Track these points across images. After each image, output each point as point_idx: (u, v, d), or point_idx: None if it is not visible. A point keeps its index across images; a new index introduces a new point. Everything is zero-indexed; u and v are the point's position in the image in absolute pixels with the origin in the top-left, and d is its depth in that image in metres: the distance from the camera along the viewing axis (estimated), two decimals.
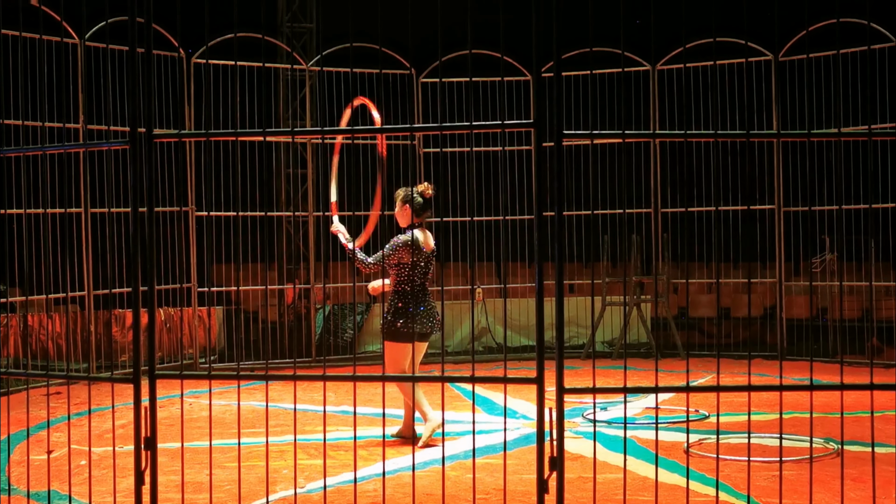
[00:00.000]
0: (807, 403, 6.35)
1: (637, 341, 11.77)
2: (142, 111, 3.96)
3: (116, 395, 4.37)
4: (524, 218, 11.70)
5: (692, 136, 4.01)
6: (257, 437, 6.73)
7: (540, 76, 3.67)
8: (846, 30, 5.76)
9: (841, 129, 3.88)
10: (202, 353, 10.63)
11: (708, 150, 11.37)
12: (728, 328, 12.47)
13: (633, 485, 5.28)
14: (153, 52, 4.00)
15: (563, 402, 3.68)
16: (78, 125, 9.81)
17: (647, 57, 11.42)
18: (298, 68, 11.92)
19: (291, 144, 11.82)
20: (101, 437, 6.76)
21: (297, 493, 4.58)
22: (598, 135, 3.95)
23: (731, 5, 14.31)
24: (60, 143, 5.27)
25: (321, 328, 11.33)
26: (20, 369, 8.36)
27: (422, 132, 11.85)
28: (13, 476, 5.70)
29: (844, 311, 3.72)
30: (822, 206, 10.71)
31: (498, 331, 11.82)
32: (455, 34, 14.55)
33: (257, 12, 11.26)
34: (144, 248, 3.96)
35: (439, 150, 5.36)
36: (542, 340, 3.78)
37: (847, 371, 4.86)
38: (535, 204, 3.76)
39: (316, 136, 11.87)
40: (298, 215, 11.80)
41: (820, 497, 5.03)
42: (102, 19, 9.41)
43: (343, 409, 7.86)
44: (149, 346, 4.04)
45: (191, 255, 10.63)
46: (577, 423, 7.18)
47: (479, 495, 5.04)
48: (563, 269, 3.77)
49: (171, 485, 5.26)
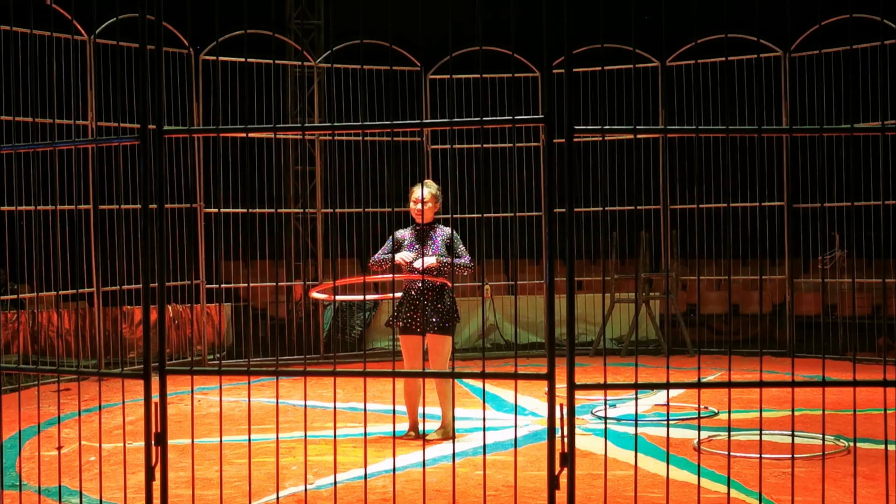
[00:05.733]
0: (818, 400, 6.34)
1: (646, 338, 11.75)
2: (152, 108, 3.96)
3: (126, 391, 4.37)
4: (534, 214, 11.70)
5: (703, 132, 3.99)
6: (267, 433, 6.74)
7: (550, 72, 3.66)
8: (858, 25, 5.74)
9: (853, 125, 3.85)
10: (211, 349, 10.64)
11: (718, 146, 11.34)
12: (737, 325, 12.44)
13: (644, 481, 5.27)
14: (163, 48, 4.00)
15: (573, 398, 3.67)
16: (88, 122, 9.83)
17: (657, 53, 11.39)
18: (307, 65, 11.91)
19: (301, 141, 11.82)
20: (110, 433, 6.77)
21: (306, 489, 4.58)
22: (609, 130, 3.93)
23: (742, 1, 14.27)
24: (71, 140, 5.27)
25: (329, 325, 11.34)
26: (30, 366, 8.38)
27: (432, 128, 11.85)
28: (24, 472, 5.71)
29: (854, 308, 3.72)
30: (833, 203, 10.68)
31: (507, 328, 11.81)
32: (464, 31, 14.54)
33: (266, 9, 11.26)
34: (154, 244, 3.95)
35: (449, 146, 5.35)
36: (552, 337, 3.77)
37: (858, 368, 4.84)
38: (546, 200, 3.76)
39: (325, 132, 11.92)
40: (307, 212, 11.81)
41: (832, 495, 5.01)
42: (113, 16, 9.42)
43: (351, 405, 7.86)
44: (159, 342, 4.04)
45: (200, 251, 10.64)
46: (586, 421, 7.17)
47: (490, 492, 5.03)
48: (574, 266, 3.76)
49: (181, 481, 5.27)
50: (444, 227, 6.66)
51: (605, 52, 4.49)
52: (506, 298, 12.01)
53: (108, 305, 9.91)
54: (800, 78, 10.83)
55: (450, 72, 4.19)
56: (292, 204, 12.05)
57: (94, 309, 9.70)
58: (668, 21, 4.67)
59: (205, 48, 10.80)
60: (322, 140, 11.83)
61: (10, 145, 4.58)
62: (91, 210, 9.63)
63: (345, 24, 12.90)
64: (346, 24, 12.91)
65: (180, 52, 10.43)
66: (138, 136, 4.00)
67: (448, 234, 6.60)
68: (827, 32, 10.00)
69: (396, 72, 11.59)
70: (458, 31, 15.06)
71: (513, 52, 3.93)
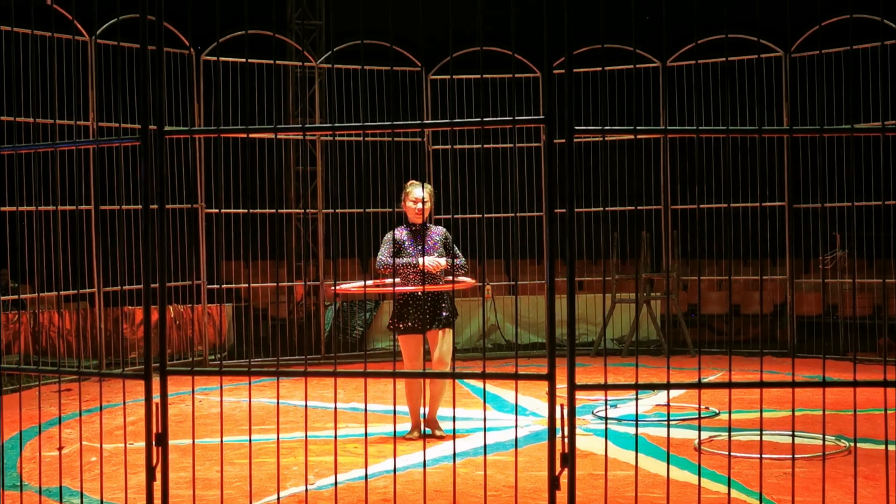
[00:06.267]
0: (818, 400, 6.33)
1: (647, 338, 11.75)
2: (153, 108, 3.96)
3: (127, 391, 4.38)
4: (534, 215, 11.69)
5: (704, 132, 3.99)
6: (268, 433, 6.74)
7: (551, 72, 3.66)
8: (858, 25, 5.74)
9: (854, 126, 3.85)
10: (212, 350, 10.65)
11: (719, 146, 11.34)
12: (738, 325, 12.44)
13: (644, 482, 5.27)
14: (164, 49, 4.00)
15: (574, 398, 3.67)
16: (89, 122, 9.84)
17: (657, 53, 11.39)
18: (308, 65, 11.92)
19: (301, 141, 11.83)
20: (111, 433, 6.78)
21: (307, 489, 4.59)
22: (609, 130, 3.93)
23: (743, 1, 14.27)
24: (72, 140, 5.27)
25: (330, 325, 11.35)
26: (31, 366, 8.39)
27: (432, 128, 11.85)
28: (25, 472, 5.72)
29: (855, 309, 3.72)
30: (834, 203, 10.67)
31: (507, 328, 11.81)
32: (465, 31, 14.54)
33: (267, 10, 11.26)
34: (155, 244, 3.96)
35: (449, 146, 5.35)
36: (553, 337, 3.76)
37: (859, 368, 4.84)
38: (546, 200, 3.76)
39: (326, 132, 11.92)
40: (308, 212, 11.81)
41: (832, 495, 5.01)
42: (114, 17, 9.43)
43: (352, 405, 7.86)
44: (160, 343, 4.05)
45: (201, 251, 10.65)
46: (587, 421, 7.17)
47: (490, 492, 5.03)
48: (575, 266, 3.76)
49: (181, 481, 5.27)
50: (436, 227, 6.63)
51: (605, 52, 4.50)
52: (507, 298, 12.00)
53: (109, 306, 9.92)
54: (800, 78, 10.83)
55: (450, 72, 4.20)
56: (293, 204, 12.05)
57: (96, 309, 9.70)
58: (668, 21, 4.68)
59: (206, 48, 10.80)
60: (323, 140, 11.84)
61: (11, 146, 4.58)
62: (92, 210, 9.64)
63: (345, 24, 12.90)
64: (346, 25, 12.90)
65: (181, 52, 10.43)
66: (139, 136, 4.00)
67: (442, 233, 6.59)
68: (827, 33, 10.00)
69: (397, 72, 11.59)
70: (459, 31, 15.07)
71: (513, 53, 3.93)
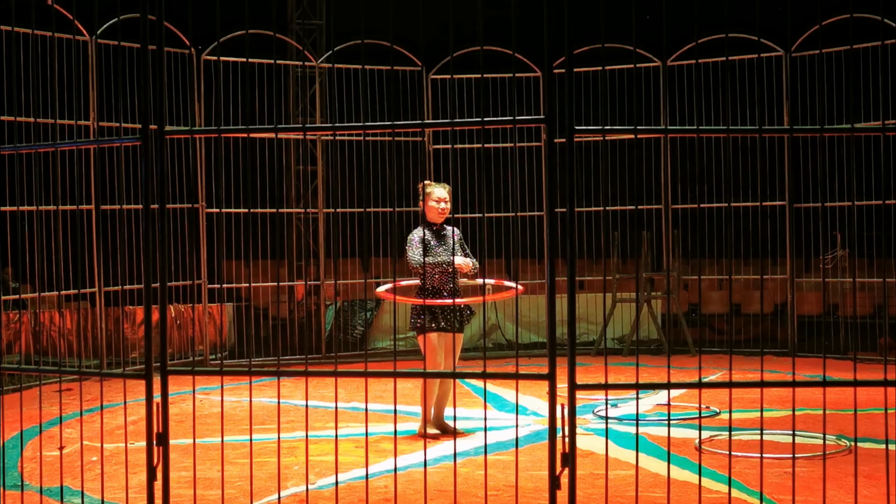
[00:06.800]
0: (819, 400, 6.34)
1: (647, 338, 11.74)
2: (153, 108, 3.96)
3: (128, 391, 4.38)
4: (535, 214, 11.69)
5: (704, 132, 4.00)
6: (268, 433, 6.74)
7: (551, 72, 3.66)
8: (858, 25, 5.74)
9: (854, 125, 3.85)
10: (212, 349, 10.65)
11: (719, 146, 11.34)
12: (739, 325, 12.44)
13: (645, 481, 5.27)
14: (164, 49, 4.00)
15: (575, 398, 3.67)
16: (89, 122, 9.84)
17: (658, 53, 11.39)
18: (308, 65, 11.92)
19: (302, 141, 11.83)
20: (112, 433, 6.78)
21: (308, 489, 4.59)
22: (610, 130, 3.94)
23: (743, 1, 14.26)
24: (72, 140, 5.28)
25: (330, 325, 11.35)
26: (32, 366, 8.39)
27: (433, 128, 11.85)
28: (26, 472, 5.72)
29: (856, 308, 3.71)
30: (835, 202, 10.67)
31: (508, 327, 11.80)
32: (465, 30, 14.52)
33: (267, 9, 11.26)
34: (156, 244, 3.96)
35: (450, 146, 5.36)
36: (553, 336, 3.77)
37: (859, 368, 4.84)
38: (547, 200, 3.76)
39: (326, 132, 11.91)
40: (309, 212, 11.81)
41: (833, 494, 5.01)
42: (114, 17, 9.43)
43: (353, 405, 7.86)
44: (161, 342, 4.05)
45: (201, 251, 10.65)
46: (587, 420, 7.17)
47: (491, 492, 5.03)
48: (575, 266, 3.76)
49: (182, 481, 5.28)
50: (450, 228, 6.69)
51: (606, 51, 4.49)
52: (507, 298, 12.00)
53: (109, 305, 9.92)
54: (801, 78, 10.82)
55: (451, 72, 4.20)
56: (294, 204, 12.06)
57: (96, 309, 9.71)
58: (669, 21, 4.68)
59: (206, 48, 10.80)
60: (323, 140, 11.84)
61: (11, 146, 4.58)
62: (93, 210, 9.64)
63: (346, 24, 12.89)
64: (347, 24, 12.90)
65: (182, 52, 10.43)
66: (140, 136, 4.00)
67: (459, 233, 6.71)
68: (827, 32, 9.99)
69: (398, 72, 11.60)
70: (459, 30, 15.06)
71: (514, 52, 3.93)
